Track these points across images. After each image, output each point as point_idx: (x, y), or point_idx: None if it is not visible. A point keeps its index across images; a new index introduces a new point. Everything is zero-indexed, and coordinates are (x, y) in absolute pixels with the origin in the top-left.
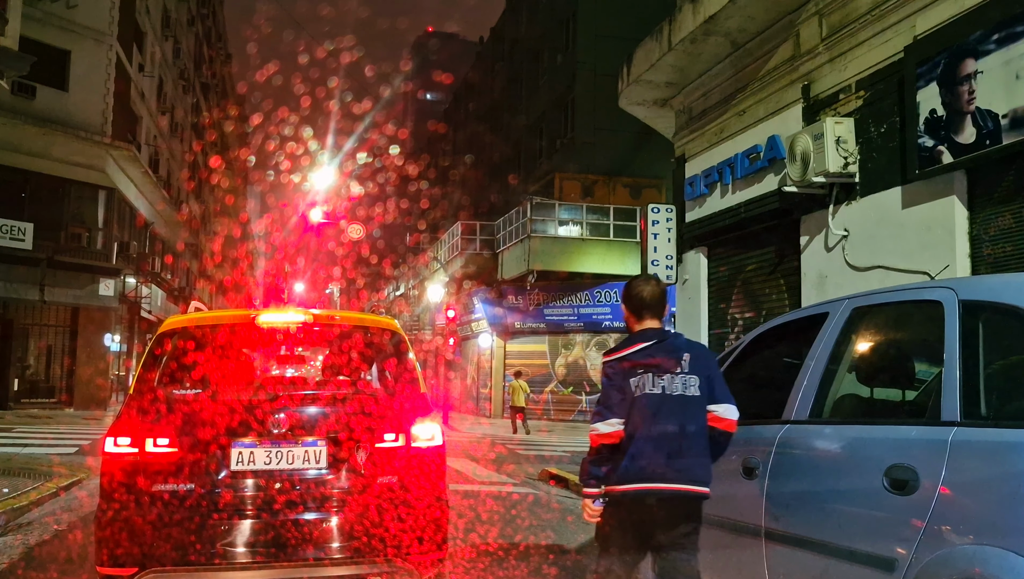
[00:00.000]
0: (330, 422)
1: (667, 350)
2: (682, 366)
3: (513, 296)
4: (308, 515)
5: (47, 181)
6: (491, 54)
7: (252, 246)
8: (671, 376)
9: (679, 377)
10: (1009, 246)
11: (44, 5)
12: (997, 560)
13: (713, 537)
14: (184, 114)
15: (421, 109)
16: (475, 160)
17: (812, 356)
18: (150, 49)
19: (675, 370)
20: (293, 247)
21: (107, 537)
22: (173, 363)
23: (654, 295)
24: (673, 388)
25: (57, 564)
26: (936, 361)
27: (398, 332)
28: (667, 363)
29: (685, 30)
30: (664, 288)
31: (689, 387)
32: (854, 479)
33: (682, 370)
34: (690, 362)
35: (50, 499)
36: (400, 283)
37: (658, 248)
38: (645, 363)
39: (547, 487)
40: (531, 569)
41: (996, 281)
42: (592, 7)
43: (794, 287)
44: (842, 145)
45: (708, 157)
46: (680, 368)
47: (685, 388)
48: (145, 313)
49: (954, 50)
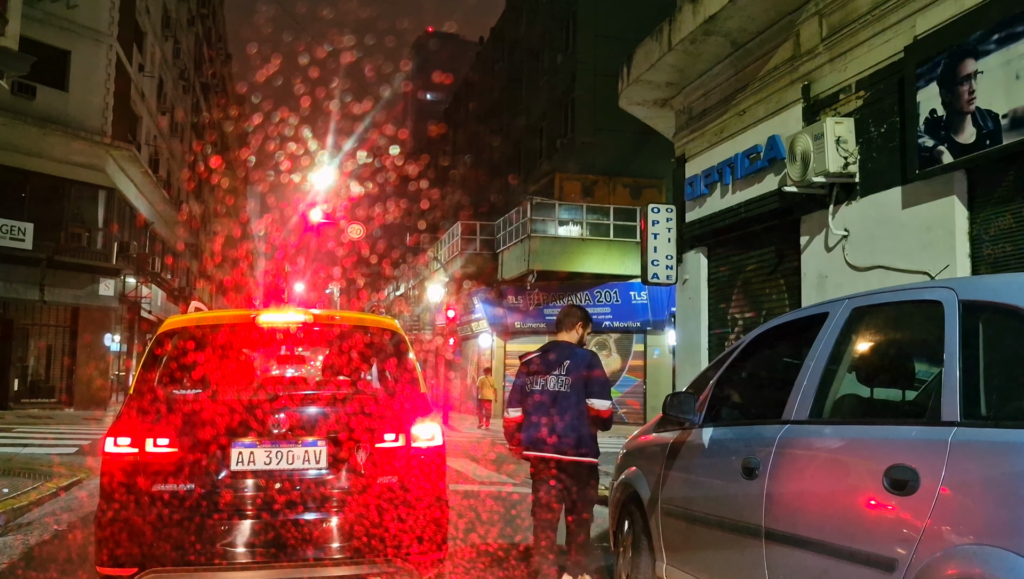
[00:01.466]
0: (330, 422)
1: (548, 359)
2: (561, 369)
3: (513, 296)
4: (308, 515)
5: (47, 181)
6: (491, 54)
7: (252, 246)
8: (550, 377)
9: (555, 378)
10: (1009, 246)
11: (44, 5)
12: (997, 560)
13: (713, 537)
14: (184, 114)
15: (421, 109)
16: (475, 160)
17: (812, 356)
18: (150, 49)
19: (554, 372)
20: (293, 247)
21: (107, 537)
22: (173, 363)
23: (560, 316)
24: (549, 385)
25: (57, 564)
26: (936, 361)
27: (398, 332)
28: (547, 367)
29: (685, 30)
30: (568, 311)
31: (563, 385)
32: (854, 479)
33: (560, 373)
34: (568, 367)
35: (50, 499)
36: (400, 283)
37: (658, 248)
38: (531, 369)
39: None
40: (531, 569)
41: (996, 281)
42: (592, 7)
43: (794, 287)
44: (842, 145)
45: (708, 157)
46: (559, 371)
47: (559, 386)
48: (145, 313)
49: (954, 50)
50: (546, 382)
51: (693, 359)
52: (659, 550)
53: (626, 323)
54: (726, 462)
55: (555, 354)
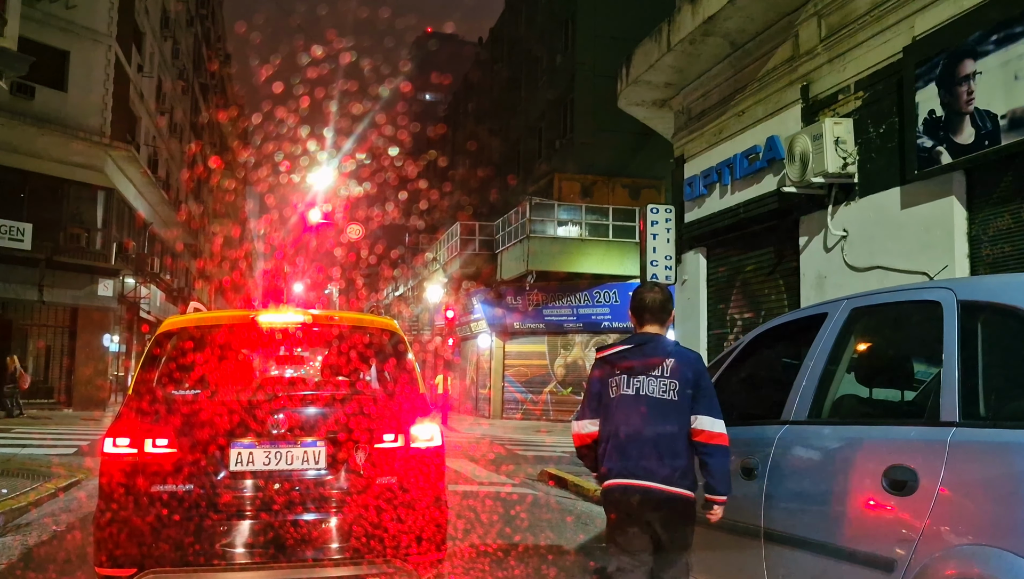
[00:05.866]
0: (329, 423)
1: (646, 353)
2: (663, 369)
3: (512, 296)
4: (307, 516)
5: (46, 181)
6: (490, 55)
7: (251, 247)
8: (646, 378)
9: (657, 380)
10: (1008, 246)
11: (43, 5)
12: (996, 560)
13: (712, 537)
14: (183, 114)
15: (420, 109)
16: (474, 160)
17: (811, 356)
18: (149, 49)
19: (653, 373)
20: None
21: (106, 538)
22: (172, 364)
23: (655, 301)
24: (649, 390)
25: (56, 565)
26: (935, 361)
27: (397, 332)
28: (643, 365)
29: (684, 31)
30: (668, 295)
31: (668, 391)
32: (853, 479)
33: (662, 374)
34: (672, 367)
35: (49, 500)
36: (399, 283)
37: (657, 248)
38: (622, 365)
39: (546, 487)
40: (531, 569)
41: (995, 281)
42: (591, 8)
43: (793, 287)
44: (841, 146)
45: (707, 158)
46: (660, 371)
47: (663, 392)
48: (144, 313)
49: (953, 51)
50: (644, 385)
51: None
52: None
53: (625, 323)
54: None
55: (652, 348)
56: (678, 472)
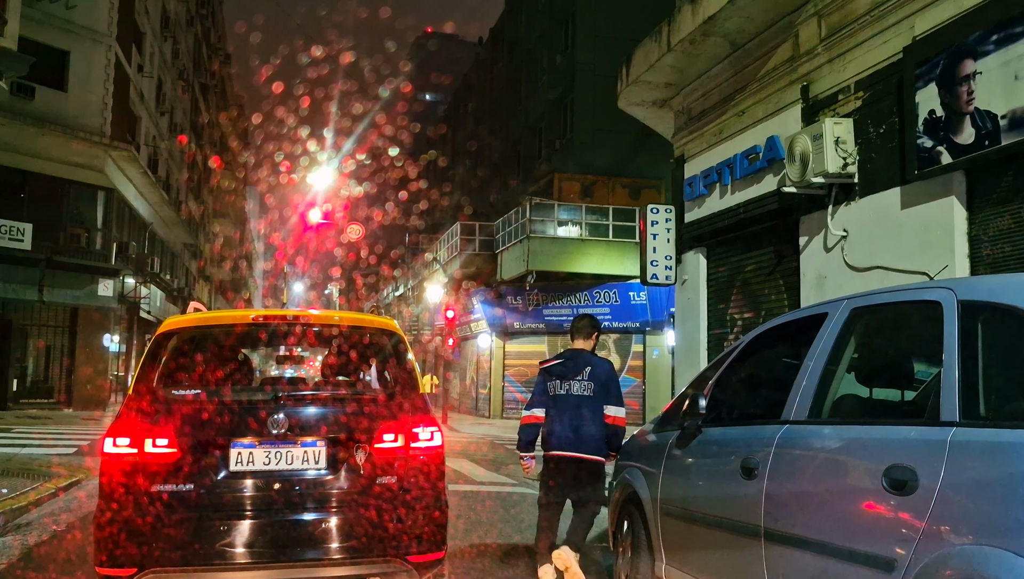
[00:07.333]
0: (329, 423)
1: (572, 365)
2: (584, 375)
3: (512, 297)
4: (307, 516)
5: (46, 181)
6: (490, 55)
7: (251, 247)
8: (573, 381)
9: (579, 382)
10: (1008, 246)
11: (43, 5)
12: (996, 560)
13: (712, 537)
14: (183, 114)
15: (420, 110)
16: (474, 160)
17: (811, 356)
18: (149, 49)
19: (577, 378)
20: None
21: (106, 537)
22: (172, 363)
23: (581, 326)
24: (574, 390)
25: (56, 565)
26: (935, 361)
27: (397, 332)
28: (570, 373)
29: (684, 31)
30: (592, 321)
31: (587, 390)
32: (853, 479)
33: (583, 378)
34: (589, 373)
35: (49, 499)
36: (399, 283)
37: (657, 248)
38: (557, 373)
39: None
40: (531, 569)
41: (995, 281)
42: (591, 8)
43: (793, 287)
44: (841, 146)
45: (707, 158)
46: (582, 376)
47: (583, 390)
48: (144, 313)
49: (953, 51)
50: (571, 386)
51: (692, 359)
52: (658, 550)
53: (625, 323)
54: (725, 462)
55: (577, 361)
56: (593, 444)
